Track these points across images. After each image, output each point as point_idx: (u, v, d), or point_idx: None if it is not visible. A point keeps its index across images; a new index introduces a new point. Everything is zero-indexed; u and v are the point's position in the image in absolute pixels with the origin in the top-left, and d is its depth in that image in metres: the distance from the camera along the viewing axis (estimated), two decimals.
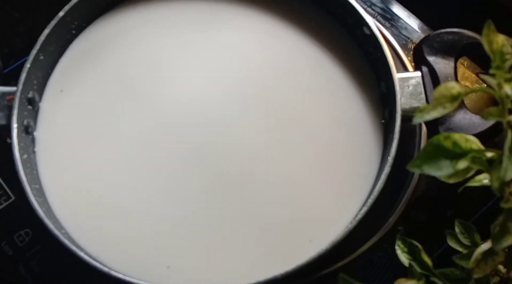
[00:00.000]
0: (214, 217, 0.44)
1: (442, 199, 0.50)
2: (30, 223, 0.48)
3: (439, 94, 0.28)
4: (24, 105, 0.45)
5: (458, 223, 0.38)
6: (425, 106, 0.28)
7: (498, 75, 0.28)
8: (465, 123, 0.43)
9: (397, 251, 0.38)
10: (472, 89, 0.29)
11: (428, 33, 0.50)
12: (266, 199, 0.45)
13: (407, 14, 0.56)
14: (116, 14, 0.52)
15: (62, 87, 0.49)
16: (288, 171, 0.46)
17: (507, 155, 0.28)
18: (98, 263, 0.40)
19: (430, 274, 0.36)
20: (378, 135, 0.47)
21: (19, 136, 0.44)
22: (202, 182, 0.45)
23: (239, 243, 0.44)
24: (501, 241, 0.30)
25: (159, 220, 0.44)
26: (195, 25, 0.51)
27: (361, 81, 0.48)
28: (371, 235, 0.47)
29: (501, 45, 0.28)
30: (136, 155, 0.46)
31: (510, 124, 0.29)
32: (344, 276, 0.35)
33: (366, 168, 0.45)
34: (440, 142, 0.30)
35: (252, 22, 0.51)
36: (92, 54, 0.50)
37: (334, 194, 0.45)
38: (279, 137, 0.47)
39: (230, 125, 0.47)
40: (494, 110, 0.29)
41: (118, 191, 0.45)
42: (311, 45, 0.50)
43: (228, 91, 0.48)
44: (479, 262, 0.31)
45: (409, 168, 0.30)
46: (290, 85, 0.48)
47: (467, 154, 0.30)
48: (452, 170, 0.29)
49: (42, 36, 0.46)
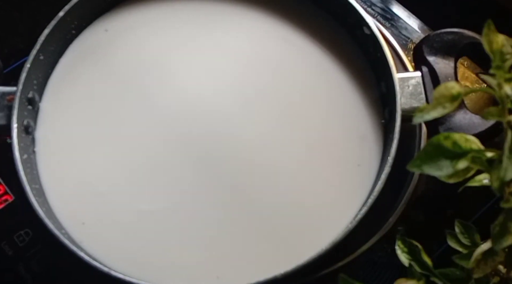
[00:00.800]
0: (214, 217, 0.44)
1: (442, 199, 0.50)
2: (30, 223, 0.48)
3: (439, 94, 0.28)
4: (24, 105, 0.45)
5: (458, 223, 0.38)
6: (425, 106, 0.28)
7: (498, 75, 0.28)
8: (465, 123, 0.43)
9: (397, 251, 0.38)
10: (472, 89, 0.29)
11: (428, 33, 0.50)
12: (265, 199, 0.45)
13: (407, 14, 0.56)
14: (116, 14, 0.51)
15: (62, 87, 0.49)
16: (287, 171, 0.46)
17: (507, 155, 0.28)
18: (98, 263, 0.40)
19: (430, 274, 0.36)
20: (378, 135, 0.47)
21: (19, 136, 0.44)
22: (204, 181, 0.45)
23: (239, 243, 0.44)
24: (501, 241, 0.30)
25: (160, 219, 0.44)
26: (194, 25, 0.51)
27: (361, 81, 0.48)
28: (371, 235, 0.47)
29: (501, 45, 0.28)
30: (136, 154, 0.46)
31: (510, 124, 0.29)
32: (344, 276, 0.35)
33: (366, 168, 0.45)
34: (440, 142, 0.30)
35: (252, 22, 0.51)
36: (92, 54, 0.50)
37: (334, 194, 0.45)
38: (278, 137, 0.47)
39: (231, 124, 0.47)
40: (494, 110, 0.29)
41: (119, 190, 0.45)
42: (311, 44, 0.50)
43: (228, 91, 0.48)
44: (479, 262, 0.31)
45: (409, 168, 0.30)
46: (290, 85, 0.48)
47: (467, 153, 0.30)
48: (452, 170, 0.29)
49: (42, 36, 0.46)
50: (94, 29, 0.51)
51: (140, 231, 0.44)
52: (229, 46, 0.50)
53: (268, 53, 0.50)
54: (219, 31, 0.50)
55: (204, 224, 0.44)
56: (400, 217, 0.48)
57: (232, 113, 0.47)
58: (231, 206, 0.45)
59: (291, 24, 0.51)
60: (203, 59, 0.49)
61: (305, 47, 0.50)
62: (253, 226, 0.44)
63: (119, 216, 0.44)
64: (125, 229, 0.44)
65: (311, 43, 0.50)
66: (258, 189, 0.45)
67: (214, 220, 0.44)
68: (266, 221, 0.44)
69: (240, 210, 0.44)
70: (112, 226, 0.44)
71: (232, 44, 0.50)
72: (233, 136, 0.47)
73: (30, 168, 0.44)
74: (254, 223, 0.44)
